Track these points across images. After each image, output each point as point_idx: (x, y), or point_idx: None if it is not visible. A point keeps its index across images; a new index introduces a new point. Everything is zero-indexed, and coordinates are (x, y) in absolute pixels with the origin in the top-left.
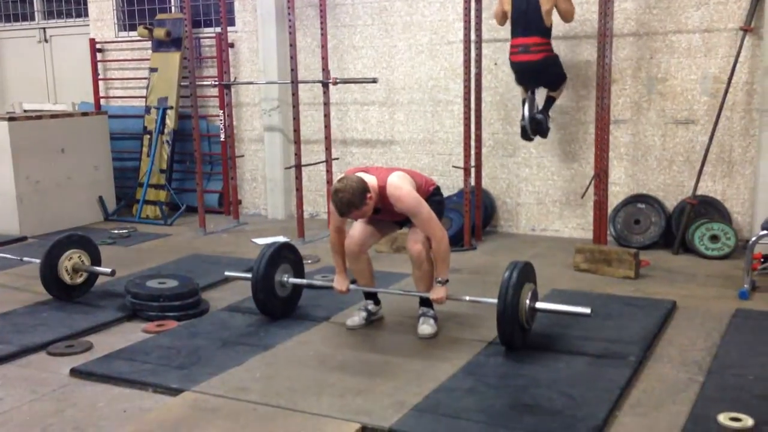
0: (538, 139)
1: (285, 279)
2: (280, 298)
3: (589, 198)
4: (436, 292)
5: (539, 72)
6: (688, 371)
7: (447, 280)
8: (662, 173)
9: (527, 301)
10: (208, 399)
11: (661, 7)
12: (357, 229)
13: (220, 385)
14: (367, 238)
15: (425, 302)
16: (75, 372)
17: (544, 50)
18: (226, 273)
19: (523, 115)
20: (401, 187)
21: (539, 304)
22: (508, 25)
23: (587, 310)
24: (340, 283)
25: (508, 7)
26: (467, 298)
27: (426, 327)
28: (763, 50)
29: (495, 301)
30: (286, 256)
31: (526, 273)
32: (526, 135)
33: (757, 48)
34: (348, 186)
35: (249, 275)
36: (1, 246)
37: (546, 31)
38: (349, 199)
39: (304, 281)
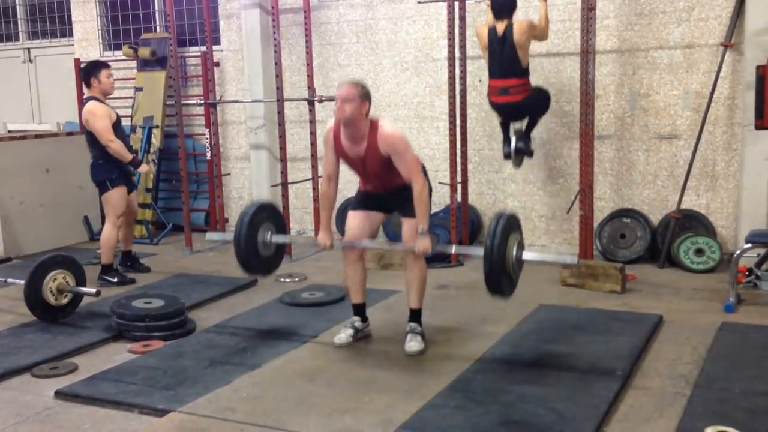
0: None
1: (268, 238)
2: (263, 258)
3: (575, 213)
4: (421, 244)
5: (521, 110)
6: (675, 385)
7: (429, 230)
8: (647, 188)
9: (514, 250)
10: (195, 419)
11: (642, 24)
12: (351, 231)
13: (206, 405)
14: (363, 233)
15: (413, 318)
16: (60, 394)
17: (522, 91)
18: (208, 236)
19: (507, 141)
20: (394, 130)
21: (526, 254)
22: None
23: (574, 260)
24: (323, 237)
25: (485, 45)
26: (453, 249)
27: (413, 344)
28: (744, 65)
29: (482, 249)
30: (268, 215)
31: (512, 223)
32: (510, 159)
33: (738, 63)
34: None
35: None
36: None
37: (523, 72)
38: (359, 83)
39: (287, 238)
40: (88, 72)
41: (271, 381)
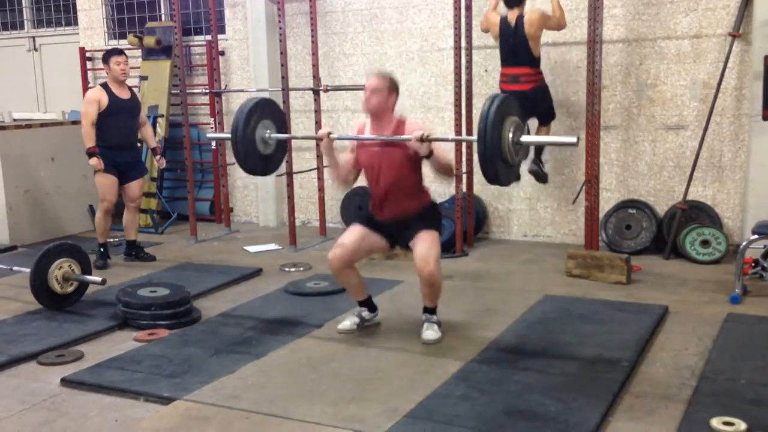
0: None
1: (267, 135)
2: (261, 155)
3: (581, 204)
4: (418, 134)
5: (530, 102)
6: (681, 376)
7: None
8: (653, 178)
9: (510, 134)
10: (200, 407)
11: (650, 14)
12: (344, 242)
13: (212, 393)
14: (351, 254)
15: (428, 309)
16: (66, 381)
17: (533, 80)
18: (208, 134)
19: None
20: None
21: (524, 138)
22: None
23: (573, 139)
24: (325, 129)
25: (496, 33)
26: (450, 137)
27: (430, 332)
28: (752, 56)
29: (475, 137)
30: (267, 111)
31: (508, 104)
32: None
33: (745, 54)
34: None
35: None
36: None
37: (535, 62)
38: (388, 75)
39: (286, 136)
40: (102, 60)
41: (276, 370)
